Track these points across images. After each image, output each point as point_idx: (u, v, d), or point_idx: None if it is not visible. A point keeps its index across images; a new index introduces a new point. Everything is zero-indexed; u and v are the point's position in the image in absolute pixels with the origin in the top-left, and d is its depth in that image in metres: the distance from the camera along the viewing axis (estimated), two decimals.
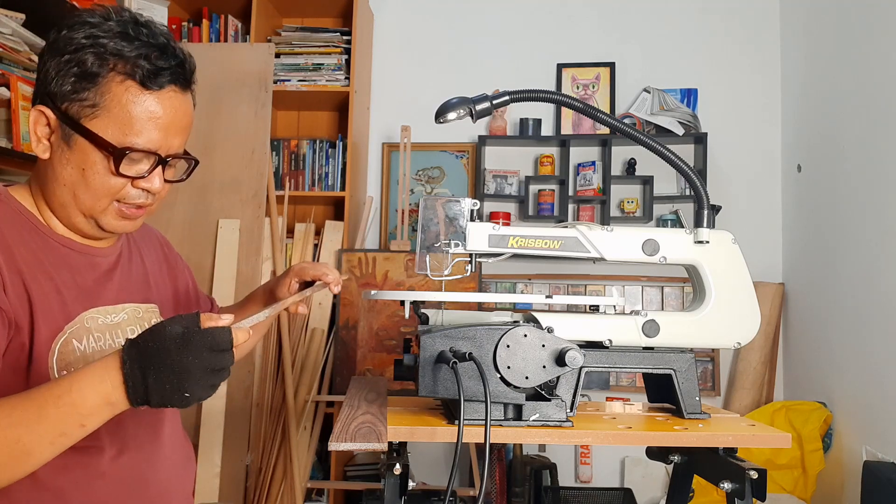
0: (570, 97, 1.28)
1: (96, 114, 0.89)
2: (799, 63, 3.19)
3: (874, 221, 2.51)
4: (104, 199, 0.93)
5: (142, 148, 0.91)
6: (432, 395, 1.06)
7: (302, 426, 2.80)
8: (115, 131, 0.90)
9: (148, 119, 0.91)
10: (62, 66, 0.89)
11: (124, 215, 0.96)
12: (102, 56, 0.89)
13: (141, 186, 0.94)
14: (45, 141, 0.92)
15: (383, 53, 3.53)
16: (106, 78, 0.89)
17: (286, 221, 3.04)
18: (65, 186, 0.92)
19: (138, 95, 0.90)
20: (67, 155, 0.91)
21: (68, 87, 0.89)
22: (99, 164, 0.91)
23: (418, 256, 1.22)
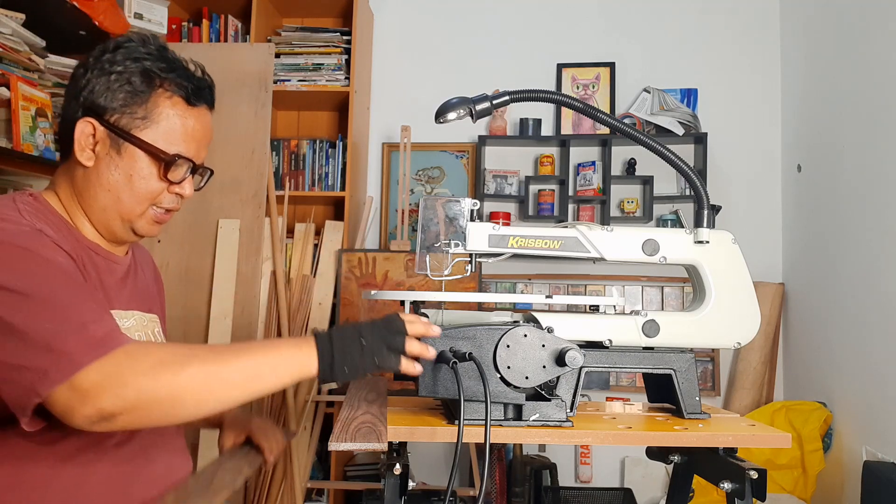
0: (570, 97, 1.28)
1: (147, 126, 1.01)
2: (799, 63, 3.19)
3: (874, 221, 2.51)
4: (144, 203, 1.05)
5: (186, 156, 1.04)
6: (432, 395, 1.06)
7: (302, 426, 2.80)
8: (163, 141, 1.02)
9: (190, 131, 1.05)
10: (111, 84, 1.00)
11: (157, 220, 1.08)
12: (150, 76, 1.02)
13: (175, 192, 1.07)
14: (89, 150, 1.01)
15: (383, 53, 3.53)
16: (154, 94, 1.02)
17: (286, 221, 3.04)
18: (109, 191, 1.02)
19: (185, 111, 1.05)
20: (117, 162, 1.01)
21: (119, 103, 1.00)
22: (146, 170, 1.03)
23: (418, 256, 1.23)
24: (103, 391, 0.79)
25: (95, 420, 0.80)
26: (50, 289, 0.84)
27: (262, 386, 0.89)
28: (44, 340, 0.80)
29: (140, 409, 0.81)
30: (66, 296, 0.85)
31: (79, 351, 0.80)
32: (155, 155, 1.02)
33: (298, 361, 0.91)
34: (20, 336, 0.80)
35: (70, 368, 0.79)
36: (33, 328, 0.81)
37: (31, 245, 0.88)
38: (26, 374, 0.79)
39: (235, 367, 0.86)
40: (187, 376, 0.83)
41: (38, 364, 0.79)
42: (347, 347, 0.93)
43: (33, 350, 0.80)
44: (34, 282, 0.84)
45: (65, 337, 0.80)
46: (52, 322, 0.81)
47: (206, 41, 3.26)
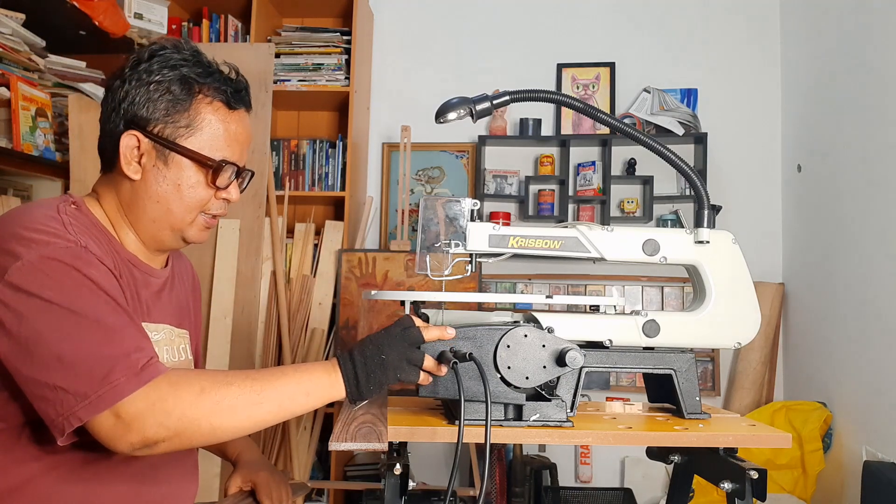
0: (570, 97, 1.28)
1: (191, 134, 1.01)
2: (799, 63, 3.19)
3: (874, 221, 2.51)
4: (194, 212, 1.05)
5: (232, 160, 1.04)
6: (432, 395, 1.06)
7: (302, 426, 2.80)
8: (208, 148, 1.02)
9: (233, 135, 1.05)
10: (151, 94, 1.00)
11: (207, 225, 1.08)
12: (188, 83, 1.01)
13: (222, 197, 1.07)
14: (135, 163, 1.01)
15: (383, 53, 3.52)
16: (195, 101, 1.01)
17: (286, 221, 3.04)
18: (158, 203, 1.02)
19: (227, 115, 1.04)
20: (164, 173, 1.01)
21: (161, 113, 1.00)
22: (194, 178, 1.02)
23: (418, 256, 1.22)
24: (148, 419, 0.81)
25: (139, 447, 0.82)
26: (95, 311, 0.85)
27: (295, 410, 0.93)
28: (87, 365, 0.81)
29: (181, 435, 0.84)
30: (111, 320, 0.85)
31: (123, 379, 0.80)
32: (202, 163, 1.02)
33: (328, 385, 0.95)
34: (62, 356, 0.81)
35: (114, 397, 0.80)
36: (77, 350, 0.81)
37: (77, 263, 0.87)
38: (66, 397, 0.80)
39: (271, 395, 0.89)
40: (227, 405, 0.86)
41: (78, 388, 0.80)
42: (370, 367, 0.95)
43: (75, 373, 0.80)
44: (80, 302, 0.84)
45: (109, 363, 0.81)
46: (96, 346, 0.82)
47: (206, 41, 3.26)
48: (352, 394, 0.96)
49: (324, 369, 0.95)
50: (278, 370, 0.93)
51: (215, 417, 0.85)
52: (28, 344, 0.82)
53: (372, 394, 0.97)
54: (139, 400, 0.80)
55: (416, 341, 0.99)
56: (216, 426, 0.86)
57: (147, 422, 0.81)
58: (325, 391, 0.95)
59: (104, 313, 0.85)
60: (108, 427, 0.80)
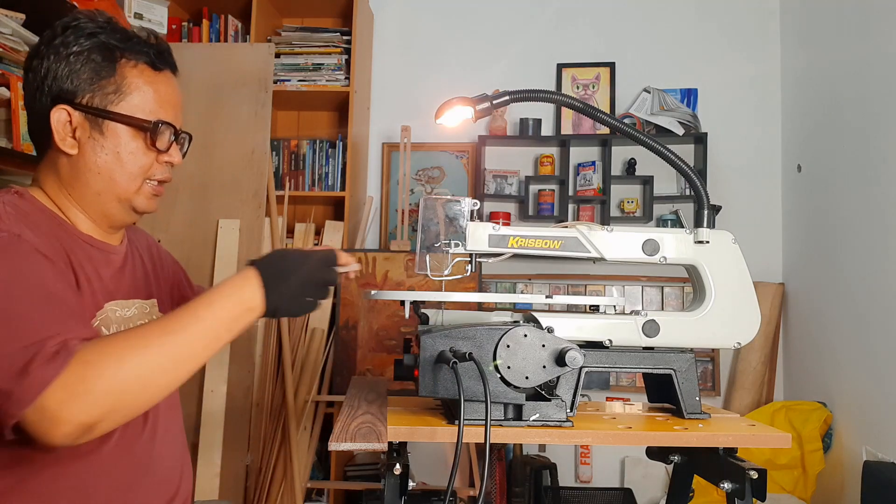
0: (570, 97, 1.28)
1: (121, 99, 0.98)
2: (799, 63, 3.19)
3: (874, 221, 2.51)
4: (139, 179, 1.02)
5: (167, 121, 1.01)
6: (432, 395, 1.06)
7: (302, 426, 2.80)
8: (141, 111, 1.00)
9: (165, 95, 1.02)
10: (72, 65, 0.97)
11: (155, 193, 1.05)
12: (109, 49, 0.98)
13: (164, 160, 1.04)
14: (69, 138, 0.98)
15: (383, 53, 3.53)
16: (119, 66, 0.98)
17: (286, 221, 3.04)
18: (100, 175, 0.99)
19: (154, 76, 1.02)
20: (101, 142, 0.99)
21: (86, 83, 0.97)
22: (132, 143, 1.00)
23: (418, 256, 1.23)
24: (73, 405, 0.77)
25: (76, 435, 0.79)
26: (15, 305, 0.82)
27: (221, 343, 0.90)
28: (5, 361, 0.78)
29: (116, 409, 0.81)
30: (31, 312, 0.82)
31: (39, 369, 0.77)
32: (138, 126, 0.99)
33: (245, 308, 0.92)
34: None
35: (33, 390, 0.77)
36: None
37: (6, 254, 0.85)
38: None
39: (191, 336, 0.87)
40: (150, 363, 0.83)
41: (2, 386, 0.77)
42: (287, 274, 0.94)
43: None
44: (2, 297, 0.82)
45: (26, 356, 0.78)
46: (13, 340, 0.79)
47: (206, 41, 3.26)
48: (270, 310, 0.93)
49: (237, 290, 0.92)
50: (190, 309, 0.89)
51: (143, 382, 0.82)
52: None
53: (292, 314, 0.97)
54: (58, 389, 0.77)
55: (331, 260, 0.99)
56: (147, 386, 0.83)
57: (74, 408, 0.77)
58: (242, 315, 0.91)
59: (26, 306, 0.82)
60: (36, 423, 0.77)
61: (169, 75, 1.05)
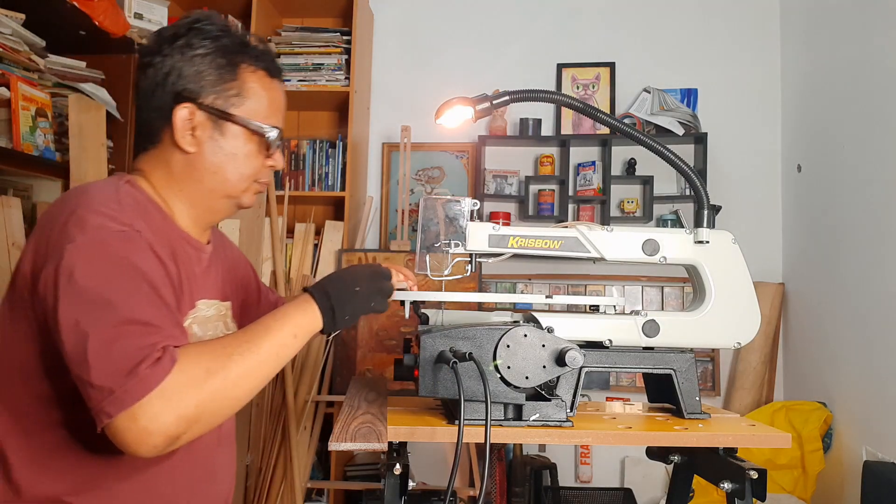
0: (570, 97, 1.28)
1: (241, 103, 1.02)
2: (799, 63, 3.19)
3: (874, 221, 2.51)
4: (249, 180, 1.06)
5: (280, 127, 1.06)
6: (432, 395, 1.06)
7: (302, 426, 2.79)
8: (258, 116, 1.03)
9: (276, 102, 1.07)
10: (198, 66, 1.00)
11: (258, 191, 1.09)
12: (231, 53, 1.02)
13: (269, 164, 1.08)
14: (188, 136, 1.00)
15: (383, 53, 3.52)
16: (240, 69, 1.02)
17: (286, 221, 3.03)
18: (216, 174, 1.03)
19: (269, 83, 1.06)
20: (220, 143, 1.02)
21: (210, 84, 1.00)
22: (248, 145, 1.03)
23: (418, 256, 1.23)
24: (168, 416, 0.79)
25: (163, 447, 0.80)
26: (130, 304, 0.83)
27: (288, 356, 0.94)
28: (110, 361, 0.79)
29: (199, 421, 0.83)
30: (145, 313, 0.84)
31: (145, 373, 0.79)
32: (256, 130, 1.03)
33: (308, 321, 0.97)
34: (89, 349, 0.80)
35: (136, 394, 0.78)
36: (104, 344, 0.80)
37: (125, 250, 0.87)
38: (93, 392, 0.79)
39: (267, 349, 0.90)
40: (234, 376, 0.86)
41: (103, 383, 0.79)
42: (344, 298, 1.00)
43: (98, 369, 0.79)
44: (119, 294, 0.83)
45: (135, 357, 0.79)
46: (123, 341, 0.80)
47: None
48: (328, 325, 0.98)
49: (300, 309, 0.97)
50: (261, 326, 0.93)
51: (227, 392, 0.85)
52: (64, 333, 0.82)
53: (346, 324, 1.01)
54: (156, 397, 0.78)
55: (385, 274, 1.06)
56: (230, 399, 0.86)
57: (167, 419, 0.79)
58: (306, 329, 0.97)
59: (140, 305, 0.84)
60: (124, 430, 0.78)
61: (280, 83, 1.09)
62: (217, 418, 0.86)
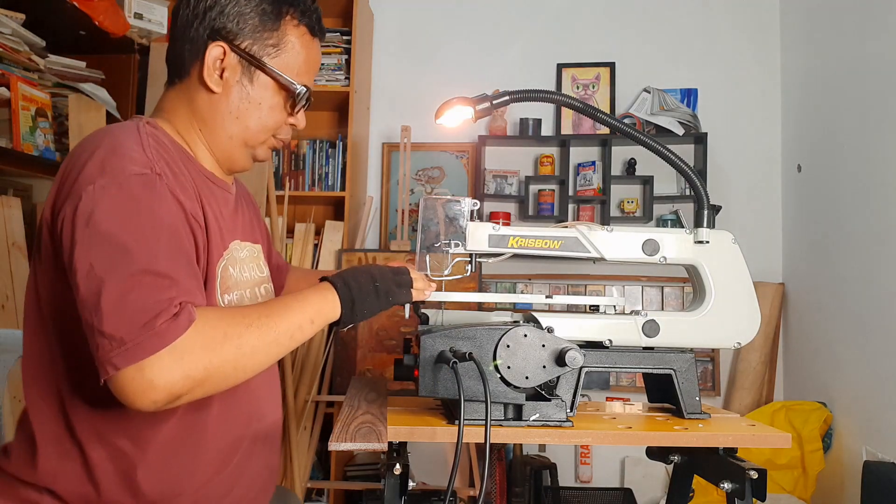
0: (570, 97, 1.28)
1: (277, 55, 0.99)
2: (799, 63, 3.19)
3: (874, 221, 2.51)
4: (269, 132, 1.04)
5: (311, 87, 1.03)
6: (432, 395, 1.06)
7: (302, 426, 2.80)
8: (291, 72, 1.00)
9: (312, 61, 1.04)
10: (241, 8, 0.97)
11: (274, 146, 1.07)
12: (278, 2, 0.99)
13: (291, 122, 1.06)
14: (216, 76, 0.98)
15: (383, 53, 3.52)
16: (283, 21, 0.99)
17: (286, 221, 3.04)
18: (238, 119, 1.00)
19: (309, 41, 1.03)
20: (248, 90, 0.99)
21: (250, 28, 0.97)
22: (274, 99, 1.01)
23: (418, 256, 1.23)
24: (175, 374, 0.77)
25: (163, 403, 0.78)
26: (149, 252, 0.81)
27: (303, 338, 0.94)
28: (127, 311, 0.77)
29: (204, 384, 0.82)
30: (162, 264, 0.81)
31: (163, 328, 0.77)
32: (285, 85, 1.00)
33: (328, 309, 0.97)
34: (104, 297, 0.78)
35: (148, 349, 0.76)
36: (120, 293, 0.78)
37: (145, 194, 0.85)
38: (103, 341, 0.77)
39: (284, 328, 0.90)
40: (248, 346, 0.85)
41: (115, 333, 0.77)
42: (364, 292, 1.00)
43: (114, 317, 0.77)
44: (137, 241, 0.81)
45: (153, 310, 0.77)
46: (140, 291, 0.78)
47: None
48: (346, 316, 0.99)
49: (321, 295, 0.97)
50: (282, 303, 0.93)
51: (237, 361, 0.84)
52: (77, 277, 0.80)
53: (364, 318, 1.01)
54: (166, 354, 0.77)
55: (403, 270, 1.07)
56: (238, 368, 0.85)
57: (174, 376, 0.77)
58: (324, 315, 0.97)
59: (158, 256, 0.82)
60: (129, 382, 0.76)
61: (319, 43, 1.06)
62: (222, 385, 0.84)
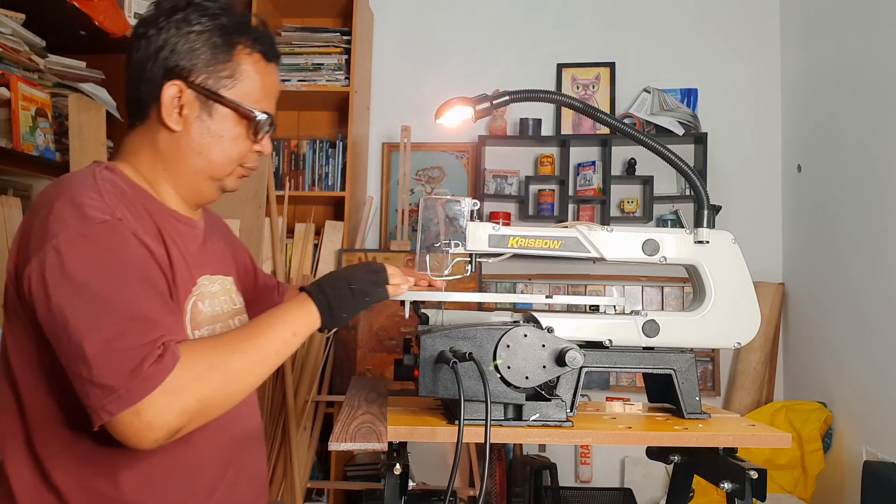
0: (570, 97, 1.28)
1: (233, 85, 0.99)
2: (799, 63, 3.19)
3: (874, 221, 2.51)
4: (234, 163, 1.04)
5: (271, 113, 1.04)
6: (432, 395, 1.06)
7: (302, 426, 2.80)
8: (249, 100, 1.01)
9: (269, 87, 1.04)
10: (192, 43, 0.97)
11: (242, 175, 1.07)
12: (228, 33, 0.99)
13: (257, 150, 1.06)
14: (175, 114, 0.98)
15: (383, 53, 3.52)
16: (236, 51, 0.99)
17: (286, 221, 3.04)
18: (201, 155, 1.00)
19: (264, 67, 1.03)
20: (208, 124, 0.99)
21: (203, 63, 0.97)
22: (236, 129, 1.01)
23: (418, 256, 1.23)
24: (170, 412, 0.80)
25: (165, 439, 0.81)
26: (122, 298, 0.83)
27: (289, 352, 0.95)
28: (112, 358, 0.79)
29: (200, 415, 0.84)
30: (138, 306, 0.83)
31: (150, 371, 0.78)
32: (245, 115, 1.00)
33: (307, 319, 0.98)
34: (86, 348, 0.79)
35: (141, 392, 0.78)
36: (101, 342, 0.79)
37: (110, 242, 0.86)
38: (93, 390, 0.79)
39: (269, 346, 0.92)
40: (235, 371, 0.87)
41: (105, 382, 0.78)
42: (341, 295, 1.01)
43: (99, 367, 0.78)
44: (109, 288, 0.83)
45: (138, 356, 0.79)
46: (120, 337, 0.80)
47: None
48: (326, 321, 1.00)
49: (300, 306, 0.99)
50: (262, 322, 0.94)
51: (228, 387, 0.86)
52: (55, 330, 0.82)
53: (344, 321, 1.03)
54: (161, 394, 0.79)
55: (378, 268, 1.07)
56: (231, 394, 0.87)
57: (170, 414, 0.80)
58: (306, 326, 0.98)
59: (134, 299, 0.83)
60: (128, 425, 0.78)
61: (275, 67, 1.06)
62: (218, 411, 0.86)
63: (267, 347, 0.91)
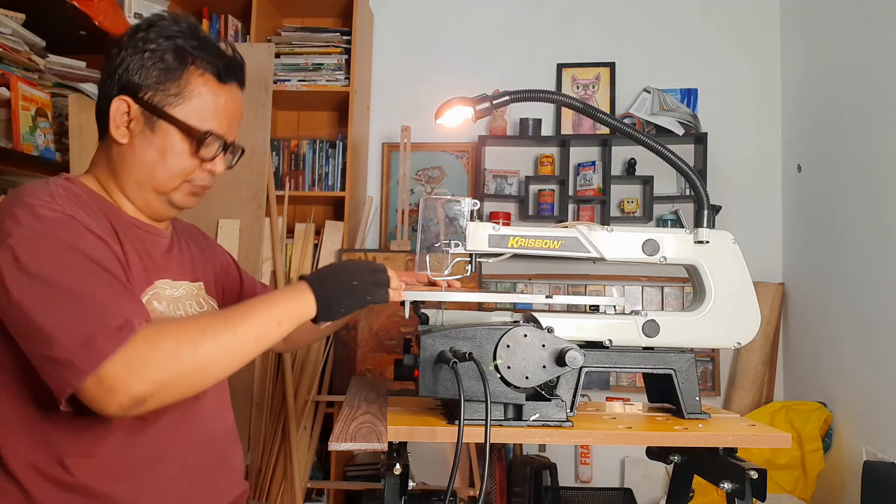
0: (570, 97, 1.28)
1: (180, 102, 1.02)
2: (799, 63, 3.19)
3: (874, 221, 2.51)
4: (177, 180, 1.06)
5: (217, 133, 1.05)
6: (432, 395, 1.06)
7: (302, 426, 2.80)
8: (196, 118, 1.03)
9: (221, 109, 1.06)
10: (144, 62, 1.01)
11: (193, 192, 1.10)
12: (182, 53, 1.02)
13: (207, 169, 1.08)
14: (123, 128, 1.03)
15: (383, 53, 3.52)
16: (187, 71, 1.03)
17: (286, 221, 3.04)
18: (143, 168, 1.04)
19: (217, 88, 1.05)
20: (150, 139, 1.03)
21: (152, 80, 1.02)
22: (178, 146, 1.04)
23: (418, 256, 1.23)
24: (130, 378, 0.82)
25: (128, 407, 0.83)
26: (77, 282, 0.86)
27: (270, 340, 0.96)
28: (69, 334, 0.83)
29: (169, 387, 0.86)
30: (93, 288, 0.87)
31: (102, 342, 0.82)
32: (187, 132, 1.03)
33: (297, 309, 1.00)
34: (45, 328, 0.84)
35: (95, 360, 0.82)
36: (58, 321, 0.84)
37: (65, 234, 0.90)
38: (56, 367, 0.83)
39: (246, 330, 0.92)
40: (206, 348, 0.88)
41: (64, 357, 0.82)
42: (341, 291, 1.03)
43: (59, 343, 0.83)
44: (65, 275, 0.86)
45: (89, 330, 0.83)
46: (77, 316, 0.84)
47: None
48: (321, 314, 1.01)
49: (292, 296, 1.00)
50: (246, 306, 0.96)
51: (197, 363, 0.87)
52: (17, 321, 0.86)
53: (340, 316, 1.04)
54: (118, 361, 0.82)
55: (380, 268, 1.08)
56: (199, 369, 0.88)
57: (130, 380, 0.82)
58: (294, 315, 0.99)
59: (87, 283, 0.87)
60: (93, 392, 0.82)
61: (234, 89, 1.09)
62: (186, 389, 0.88)
63: (244, 331, 0.92)
